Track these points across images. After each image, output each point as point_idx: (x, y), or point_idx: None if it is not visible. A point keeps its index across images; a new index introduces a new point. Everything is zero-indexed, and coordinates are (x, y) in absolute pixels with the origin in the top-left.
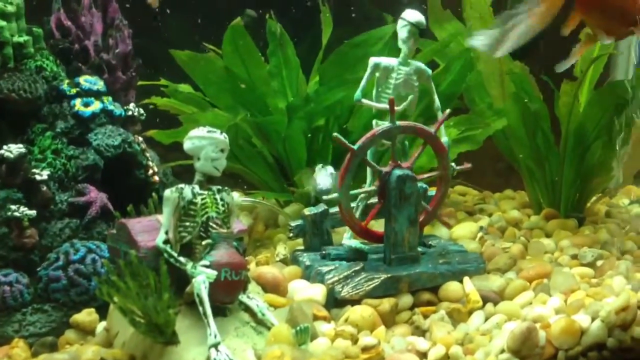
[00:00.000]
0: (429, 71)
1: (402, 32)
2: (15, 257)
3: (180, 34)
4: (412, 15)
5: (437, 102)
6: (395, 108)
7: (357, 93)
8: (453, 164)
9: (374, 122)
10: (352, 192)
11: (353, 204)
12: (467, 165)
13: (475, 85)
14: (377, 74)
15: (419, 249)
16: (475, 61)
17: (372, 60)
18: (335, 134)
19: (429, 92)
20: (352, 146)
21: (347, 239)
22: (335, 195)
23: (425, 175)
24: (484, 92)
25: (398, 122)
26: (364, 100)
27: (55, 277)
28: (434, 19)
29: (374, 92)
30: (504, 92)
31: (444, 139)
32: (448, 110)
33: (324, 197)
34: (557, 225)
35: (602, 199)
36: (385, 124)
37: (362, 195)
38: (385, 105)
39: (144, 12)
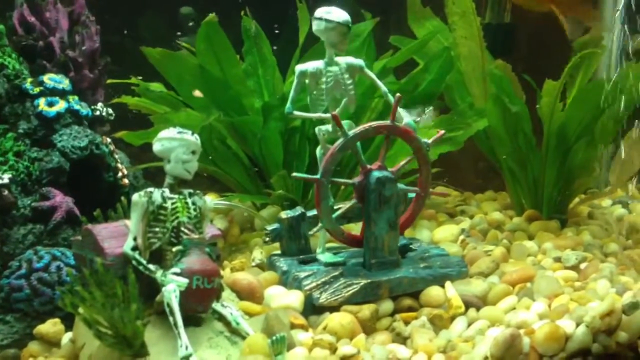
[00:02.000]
0: (360, 62)
1: (331, 35)
2: None
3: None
4: (338, 14)
5: (383, 88)
6: (327, 115)
7: (288, 105)
8: (425, 139)
9: (316, 129)
10: (334, 214)
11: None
12: (441, 132)
13: (456, 84)
14: (306, 81)
15: (402, 242)
16: (456, 60)
17: (298, 68)
18: (294, 174)
19: (372, 82)
20: (314, 177)
21: (320, 253)
22: (319, 226)
23: (401, 164)
24: (465, 91)
25: (350, 132)
26: (296, 113)
27: (18, 286)
28: (413, 16)
29: (308, 99)
30: (486, 92)
31: (405, 120)
32: (398, 95)
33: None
34: (540, 226)
35: (588, 200)
36: (328, 129)
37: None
38: (322, 115)
39: None
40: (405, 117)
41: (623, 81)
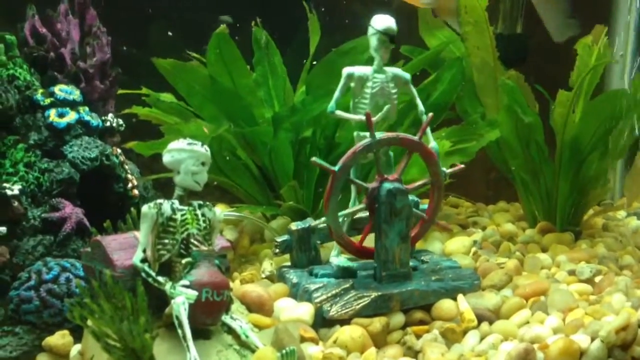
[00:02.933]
0: (407, 75)
1: (372, 40)
2: None
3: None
4: (380, 21)
5: (421, 107)
6: (373, 119)
7: (331, 104)
8: (444, 168)
9: (355, 133)
10: (340, 213)
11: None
12: (460, 166)
13: (467, 95)
14: (352, 85)
15: (412, 264)
16: (468, 70)
17: (346, 70)
18: (313, 158)
19: (411, 98)
20: (332, 168)
21: (334, 256)
22: (324, 219)
23: (416, 184)
24: (476, 102)
25: (379, 135)
26: (338, 112)
27: (27, 297)
28: (425, 26)
29: (351, 103)
30: (498, 102)
31: (432, 144)
32: (431, 114)
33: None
34: (553, 239)
35: (603, 212)
36: (367, 134)
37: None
38: (362, 117)
39: None
40: (432, 141)
41: (636, 92)
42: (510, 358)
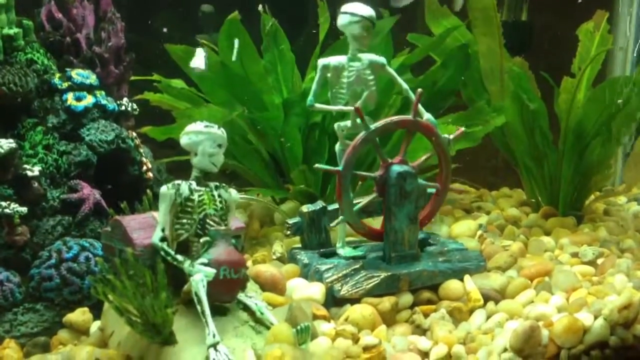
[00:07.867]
0: (382, 59)
1: (355, 28)
2: (5, 255)
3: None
4: (362, 8)
5: (404, 84)
6: (348, 107)
7: (310, 98)
8: (446, 135)
9: (335, 125)
10: (355, 207)
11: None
12: (461, 130)
13: (473, 81)
14: (328, 75)
15: (421, 236)
16: (474, 57)
17: (321, 61)
18: (316, 165)
19: (392, 80)
20: (336, 169)
21: (340, 248)
22: (341, 218)
23: (421, 159)
24: (481, 88)
25: (372, 125)
26: (318, 105)
27: (48, 275)
28: (431, 14)
29: (329, 93)
30: (503, 89)
31: (426, 116)
32: (420, 90)
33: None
34: (556, 223)
35: (604, 198)
36: (347, 124)
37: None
38: (342, 107)
39: None
40: (426, 114)
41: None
42: (516, 335)
